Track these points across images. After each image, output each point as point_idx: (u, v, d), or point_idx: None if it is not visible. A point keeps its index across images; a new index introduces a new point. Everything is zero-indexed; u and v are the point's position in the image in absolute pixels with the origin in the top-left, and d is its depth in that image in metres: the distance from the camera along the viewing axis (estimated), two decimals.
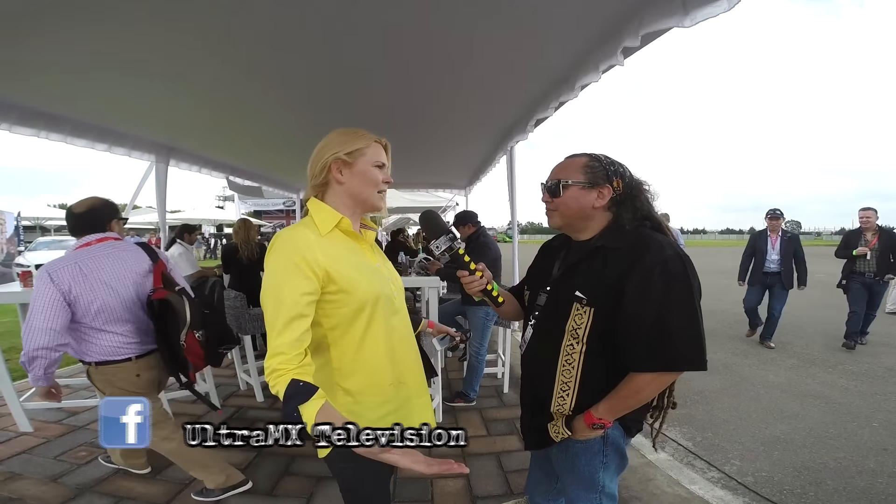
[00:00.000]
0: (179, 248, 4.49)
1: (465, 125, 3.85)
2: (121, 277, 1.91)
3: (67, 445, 2.63)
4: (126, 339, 1.92)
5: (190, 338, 2.04)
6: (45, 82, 2.56)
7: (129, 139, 4.02)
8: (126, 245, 2.04)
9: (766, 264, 5.25)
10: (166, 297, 1.95)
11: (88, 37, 1.95)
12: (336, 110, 3.23)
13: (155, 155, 4.45)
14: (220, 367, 4.13)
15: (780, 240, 5.24)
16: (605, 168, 1.15)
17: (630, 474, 2.39)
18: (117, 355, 1.91)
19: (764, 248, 5.30)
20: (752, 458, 2.68)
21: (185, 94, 2.89)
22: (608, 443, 1.12)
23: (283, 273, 0.99)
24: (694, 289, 1.03)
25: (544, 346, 1.15)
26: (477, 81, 2.78)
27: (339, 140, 1.13)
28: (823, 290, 7.38)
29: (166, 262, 2.19)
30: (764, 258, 5.27)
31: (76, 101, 2.95)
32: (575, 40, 2.14)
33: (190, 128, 3.92)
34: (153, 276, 2.04)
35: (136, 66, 2.35)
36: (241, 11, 1.80)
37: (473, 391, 3.28)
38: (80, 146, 3.56)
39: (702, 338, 1.02)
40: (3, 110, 2.84)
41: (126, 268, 1.95)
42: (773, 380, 4.10)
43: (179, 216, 19.64)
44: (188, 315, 2.01)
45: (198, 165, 5.24)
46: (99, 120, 3.51)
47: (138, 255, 2.03)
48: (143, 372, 1.97)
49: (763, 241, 5.33)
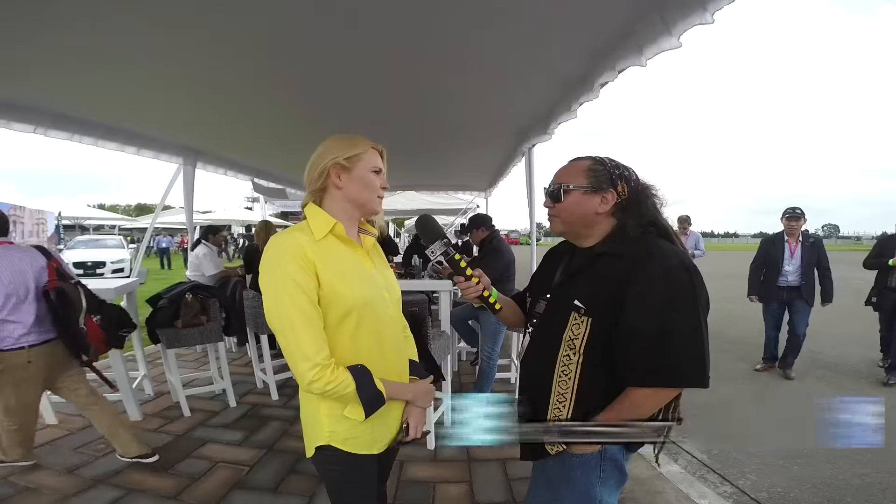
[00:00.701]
0: (204, 248, 4.62)
1: (482, 126, 3.83)
2: (17, 273, 2.16)
3: (87, 438, 2.73)
4: (20, 329, 2.14)
5: (89, 322, 2.35)
6: (76, 87, 2.68)
7: (156, 142, 4.18)
8: (21, 247, 2.33)
9: (782, 277, 4.19)
10: (59, 286, 2.22)
11: (115, 39, 2.02)
12: (355, 113, 3.27)
13: (182, 157, 4.61)
14: (240, 366, 4.26)
15: (801, 246, 4.18)
16: (609, 172, 1.10)
17: (638, 486, 2.31)
18: (9, 345, 2.12)
19: (779, 257, 4.22)
20: (769, 473, 2.55)
21: (210, 98, 2.97)
22: (606, 457, 1.08)
23: (280, 290, 1.01)
24: (699, 301, 0.98)
25: (541, 356, 1.12)
26: (492, 82, 2.76)
27: (338, 146, 1.14)
28: (859, 298, 6.99)
29: (60, 261, 2.43)
30: (779, 269, 4.21)
31: (106, 105, 3.07)
32: (591, 38, 2.10)
33: (216, 131, 4.04)
34: (48, 271, 2.28)
35: (162, 69, 2.44)
36: (265, 14, 1.84)
37: None
38: (110, 149, 3.72)
39: (705, 354, 0.96)
40: (37, 114, 2.99)
41: (22, 264, 2.20)
42: (800, 389, 3.89)
43: (210, 216, 20.29)
44: (83, 301, 2.32)
45: (223, 168, 5.41)
46: (128, 124, 3.65)
47: (33, 255, 2.30)
48: (35, 359, 2.17)
49: (778, 249, 4.24)
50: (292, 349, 1.01)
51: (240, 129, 3.94)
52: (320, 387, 1.00)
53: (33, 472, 2.32)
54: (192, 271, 4.57)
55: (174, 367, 3.15)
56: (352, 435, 1.10)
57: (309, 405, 1.13)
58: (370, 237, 1.24)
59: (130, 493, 2.18)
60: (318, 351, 1.01)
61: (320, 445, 1.10)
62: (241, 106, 3.17)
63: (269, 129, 3.77)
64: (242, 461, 2.51)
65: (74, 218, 18.52)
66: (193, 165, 4.77)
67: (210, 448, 2.67)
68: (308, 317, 1.01)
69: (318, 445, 1.11)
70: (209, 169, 5.20)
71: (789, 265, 4.16)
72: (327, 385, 1.00)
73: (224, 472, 2.40)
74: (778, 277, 4.17)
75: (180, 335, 3.13)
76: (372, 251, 1.25)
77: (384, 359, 1.14)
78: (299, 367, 1.00)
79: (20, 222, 4.50)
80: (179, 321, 3.14)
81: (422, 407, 1.24)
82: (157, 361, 4.08)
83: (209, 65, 2.38)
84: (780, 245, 4.24)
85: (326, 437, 1.09)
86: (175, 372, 3.16)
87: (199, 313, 3.24)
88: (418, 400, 1.22)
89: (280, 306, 1.01)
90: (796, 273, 4.15)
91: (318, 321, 1.03)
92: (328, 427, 1.09)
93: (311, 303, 1.02)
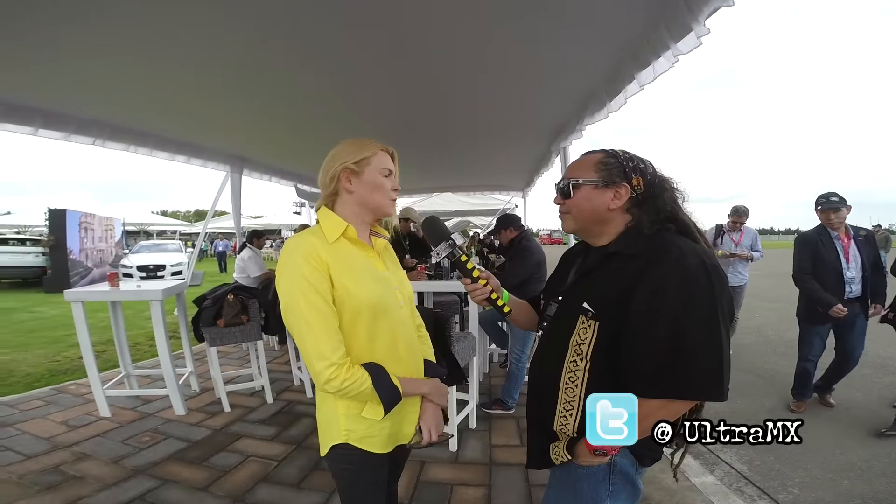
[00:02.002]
0: (249, 251, 4.86)
1: (514, 126, 3.79)
2: None
3: (135, 430, 2.91)
4: None
5: None
6: (132, 100, 2.89)
7: (205, 151, 4.44)
8: None
9: (848, 285, 3.07)
10: None
11: (161, 49, 2.16)
12: (391, 115, 3.34)
13: (229, 165, 4.88)
14: (281, 364, 4.42)
15: (854, 242, 3.14)
16: (622, 164, 1.04)
17: (667, 498, 2.17)
18: None
19: (835, 259, 3.11)
20: (814, 487, 2.32)
21: (252, 105, 3.12)
22: (615, 471, 1.01)
23: (296, 291, 1.03)
24: (719, 305, 0.89)
25: (548, 361, 1.06)
26: (521, 82, 2.72)
27: (348, 150, 1.16)
28: None
29: None
30: (840, 276, 3.07)
31: (156, 116, 3.30)
32: (621, 34, 2.02)
33: (260, 139, 4.25)
34: None
35: (209, 82, 2.60)
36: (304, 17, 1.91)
37: (512, 399, 3.18)
38: (162, 158, 3.99)
39: (723, 363, 0.87)
40: (98, 127, 3.26)
41: None
42: (858, 398, 3.50)
43: (261, 221, 21.29)
44: None
45: (268, 174, 5.68)
46: (178, 134, 3.90)
47: None
48: None
49: (829, 250, 3.13)
50: (309, 349, 1.02)
51: (282, 136, 4.12)
52: (337, 385, 1.01)
53: (83, 461, 2.50)
54: (239, 273, 4.81)
55: (216, 363, 3.32)
56: (369, 434, 1.11)
57: (326, 404, 1.14)
58: (381, 239, 1.25)
59: (165, 484, 2.30)
60: (334, 350, 1.02)
61: (336, 444, 1.11)
62: (284, 114, 3.31)
63: (310, 134, 3.90)
64: (272, 456, 2.59)
65: (139, 224, 19.92)
66: (240, 173, 5.04)
67: (244, 442, 2.77)
68: (324, 316, 1.03)
69: (333, 444, 1.12)
70: (254, 176, 5.47)
71: (851, 270, 3.08)
72: (343, 383, 1.01)
73: (253, 466, 2.48)
74: (843, 285, 3.06)
75: (222, 333, 3.31)
76: (384, 253, 1.25)
77: (398, 358, 1.15)
78: (316, 366, 1.01)
79: (90, 228, 4.95)
80: (221, 320, 3.31)
81: (437, 403, 1.22)
82: (205, 359, 4.31)
83: (254, 73, 2.50)
84: (830, 244, 3.15)
85: (343, 436, 1.10)
86: (217, 368, 3.32)
87: (240, 313, 3.40)
88: (433, 395, 1.21)
89: (296, 307, 1.03)
90: (858, 279, 3.11)
91: (333, 320, 1.04)
92: (345, 426, 1.10)
93: (326, 303, 1.03)
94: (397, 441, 1.18)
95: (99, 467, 2.44)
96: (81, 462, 2.49)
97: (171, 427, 2.97)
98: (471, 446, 2.71)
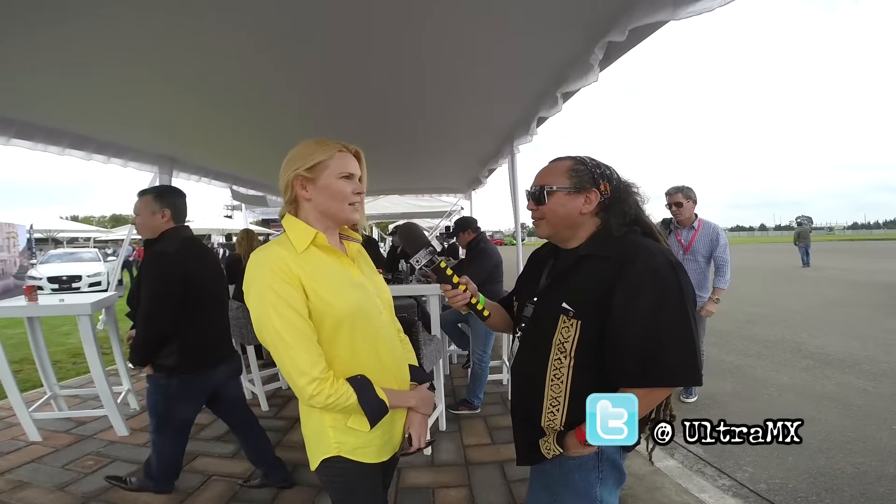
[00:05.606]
0: None
1: (463, 127, 3.80)
2: None
3: (75, 454, 2.65)
4: None
5: None
6: (42, 94, 2.57)
7: (129, 150, 4.03)
8: None
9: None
10: None
11: (82, 41, 1.93)
12: (333, 115, 3.22)
13: (158, 166, 4.48)
14: None
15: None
16: (591, 171, 1.10)
17: (637, 482, 2.32)
18: None
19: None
20: (765, 465, 2.59)
21: (185, 103, 2.88)
22: (603, 458, 1.07)
23: (268, 307, 0.98)
24: (687, 298, 0.98)
25: (532, 361, 1.11)
26: (472, 81, 2.73)
27: (301, 154, 1.09)
28: (835, 287, 7.19)
29: None
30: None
31: (73, 112, 2.96)
32: (566, 37, 2.09)
33: (192, 137, 3.93)
34: None
35: (134, 75, 2.35)
36: (241, 14, 1.78)
37: (478, 398, 3.24)
38: (77, 157, 3.58)
39: (696, 350, 0.96)
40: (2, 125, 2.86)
41: None
42: (787, 382, 3.99)
43: (189, 226, 19.80)
44: None
45: (199, 175, 5.27)
46: (98, 131, 3.52)
47: None
48: None
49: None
50: (288, 366, 0.98)
51: (217, 135, 3.85)
52: (321, 400, 0.98)
53: (23, 489, 2.25)
54: None
55: None
56: (361, 444, 1.08)
57: (312, 418, 1.10)
58: (354, 244, 1.21)
59: None
60: (313, 365, 0.98)
61: (327, 458, 1.07)
62: (219, 110, 3.08)
63: (247, 133, 3.68)
64: (236, 474, 2.45)
65: (47, 231, 17.94)
66: (170, 174, 4.63)
67: (202, 461, 2.61)
68: (299, 331, 0.98)
69: (324, 458, 1.07)
70: (182, 177, 5.06)
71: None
72: (328, 398, 0.98)
73: (218, 486, 2.35)
74: None
75: None
76: (358, 258, 1.22)
77: (382, 366, 1.12)
78: (297, 382, 0.97)
79: None
80: None
81: (424, 413, 1.21)
82: (141, 376, 3.96)
83: (185, 68, 2.29)
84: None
85: (335, 449, 1.06)
86: None
87: None
88: (421, 406, 1.20)
89: (269, 323, 0.98)
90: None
91: (310, 335, 1.00)
92: (335, 438, 1.06)
93: (300, 317, 0.99)
94: (391, 449, 1.16)
95: (44, 495, 2.21)
96: (21, 490, 2.25)
97: (115, 449, 2.72)
98: (444, 448, 2.73)
